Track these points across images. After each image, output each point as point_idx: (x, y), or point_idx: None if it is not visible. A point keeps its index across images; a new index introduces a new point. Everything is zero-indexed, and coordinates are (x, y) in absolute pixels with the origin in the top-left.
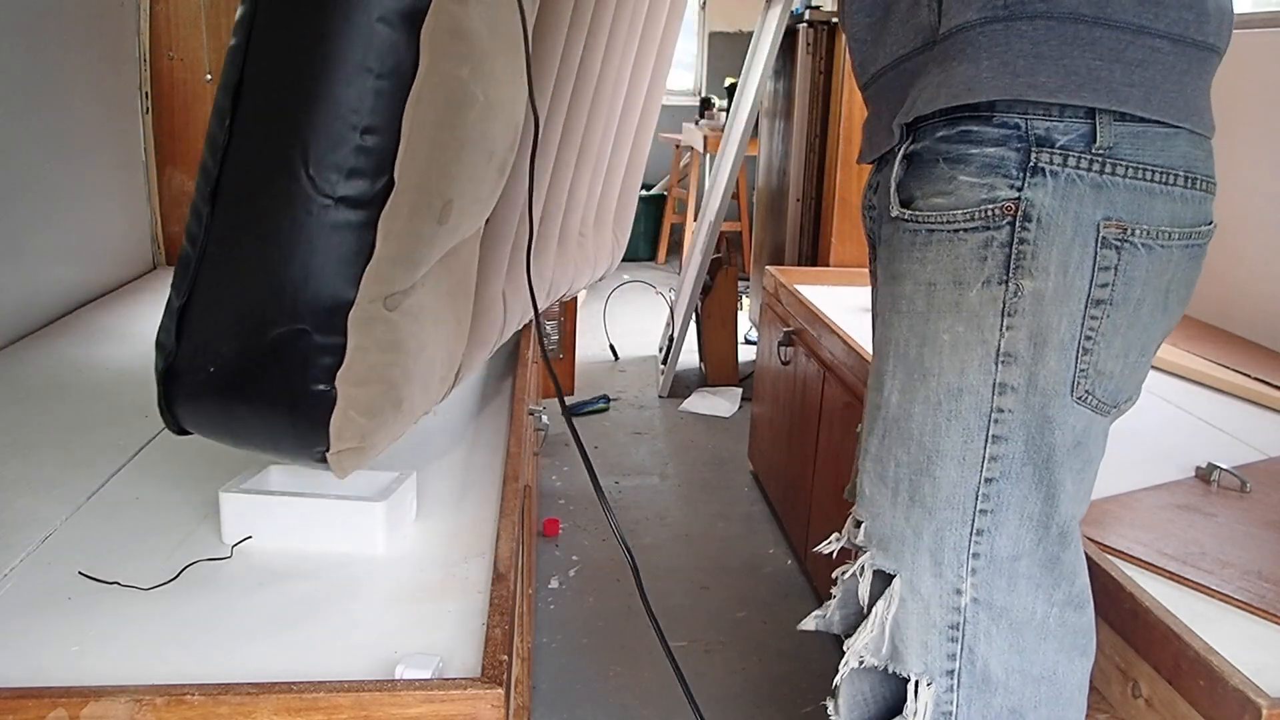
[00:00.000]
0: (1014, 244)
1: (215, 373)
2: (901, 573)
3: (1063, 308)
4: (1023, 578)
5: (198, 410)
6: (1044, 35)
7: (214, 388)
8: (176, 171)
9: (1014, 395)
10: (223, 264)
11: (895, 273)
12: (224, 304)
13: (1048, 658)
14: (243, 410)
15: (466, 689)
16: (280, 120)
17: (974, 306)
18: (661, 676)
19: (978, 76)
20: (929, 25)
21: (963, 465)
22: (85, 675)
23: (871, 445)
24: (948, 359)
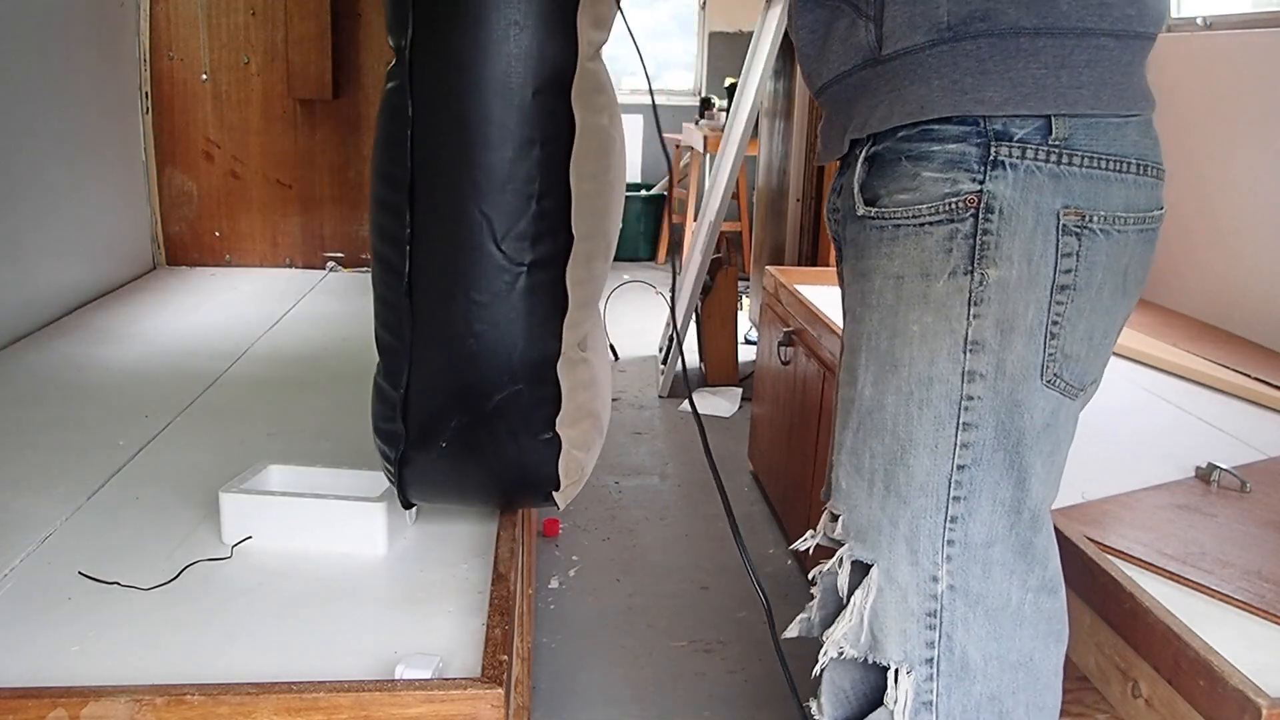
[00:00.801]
0: (978, 235)
1: (447, 448)
2: (879, 562)
3: (1028, 294)
4: (997, 564)
5: (432, 484)
6: (988, 52)
7: (447, 461)
8: (176, 171)
9: (983, 382)
10: (434, 348)
11: (864, 269)
12: (444, 385)
13: (1024, 644)
14: (477, 474)
15: (466, 689)
16: (461, 205)
17: (941, 297)
18: (661, 676)
19: (929, 95)
20: (868, 45)
21: (935, 453)
22: (85, 675)
23: (846, 438)
24: (918, 349)
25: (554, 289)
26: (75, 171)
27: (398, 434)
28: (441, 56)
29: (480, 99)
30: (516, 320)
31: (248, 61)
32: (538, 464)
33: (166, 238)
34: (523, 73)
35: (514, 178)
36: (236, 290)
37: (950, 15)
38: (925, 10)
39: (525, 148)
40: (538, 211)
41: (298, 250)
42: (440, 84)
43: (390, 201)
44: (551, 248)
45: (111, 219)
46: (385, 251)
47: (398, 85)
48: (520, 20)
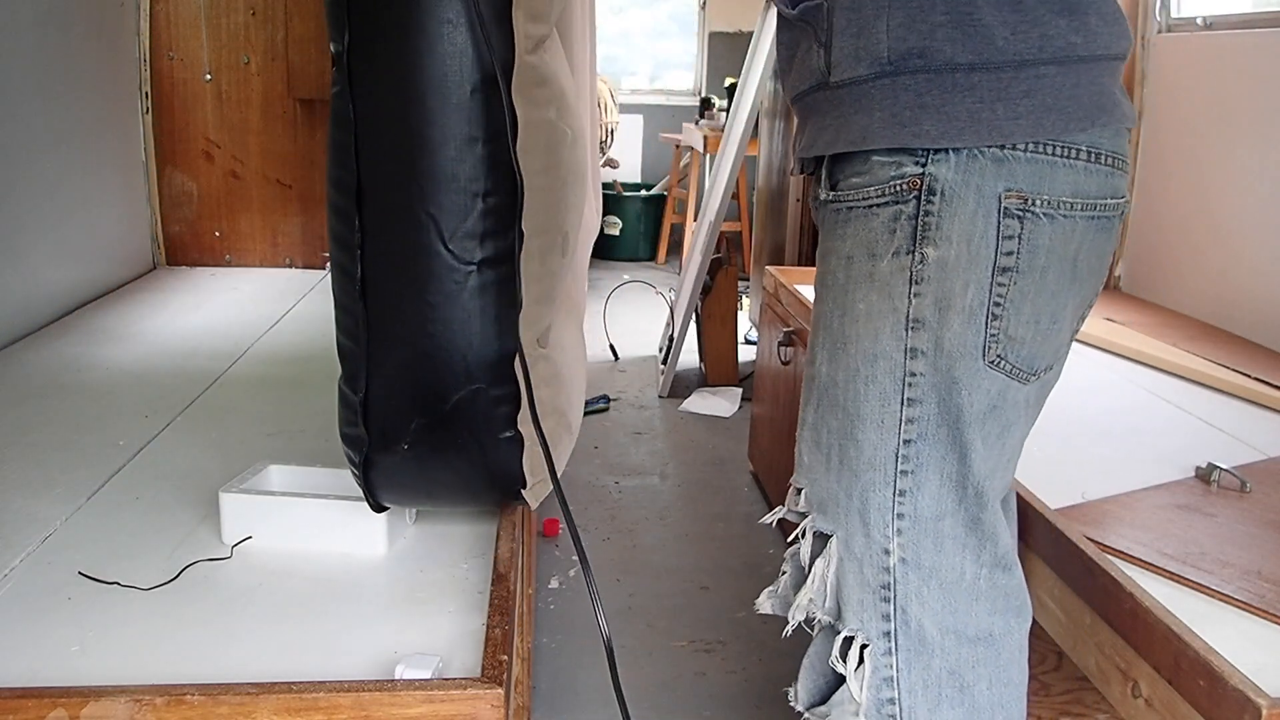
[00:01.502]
0: (919, 216)
1: (409, 449)
2: (837, 532)
3: (968, 274)
4: (948, 538)
5: (398, 486)
6: (926, 87)
7: (410, 463)
8: (176, 171)
9: (924, 359)
10: (390, 351)
11: (823, 251)
12: (402, 387)
13: (981, 619)
14: (441, 474)
15: (466, 689)
16: (407, 207)
17: (885, 276)
18: (661, 676)
19: (870, 126)
20: (819, 70)
21: (881, 428)
22: (85, 675)
23: (808, 415)
24: (864, 327)
25: (506, 286)
26: (75, 171)
27: (360, 438)
28: (378, 59)
29: (418, 100)
30: (470, 320)
31: (248, 61)
32: (501, 462)
33: (166, 238)
34: (459, 71)
35: (458, 177)
36: (236, 290)
37: (890, 51)
38: (868, 44)
39: (467, 146)
40: (484, 209)
41: (298, 250)
42: (379, 87)
43: (341, 207)
44: (501, 245)
45: (111, 219)
46: (339, 256)
47: (339, 91)
48: (453, 19)
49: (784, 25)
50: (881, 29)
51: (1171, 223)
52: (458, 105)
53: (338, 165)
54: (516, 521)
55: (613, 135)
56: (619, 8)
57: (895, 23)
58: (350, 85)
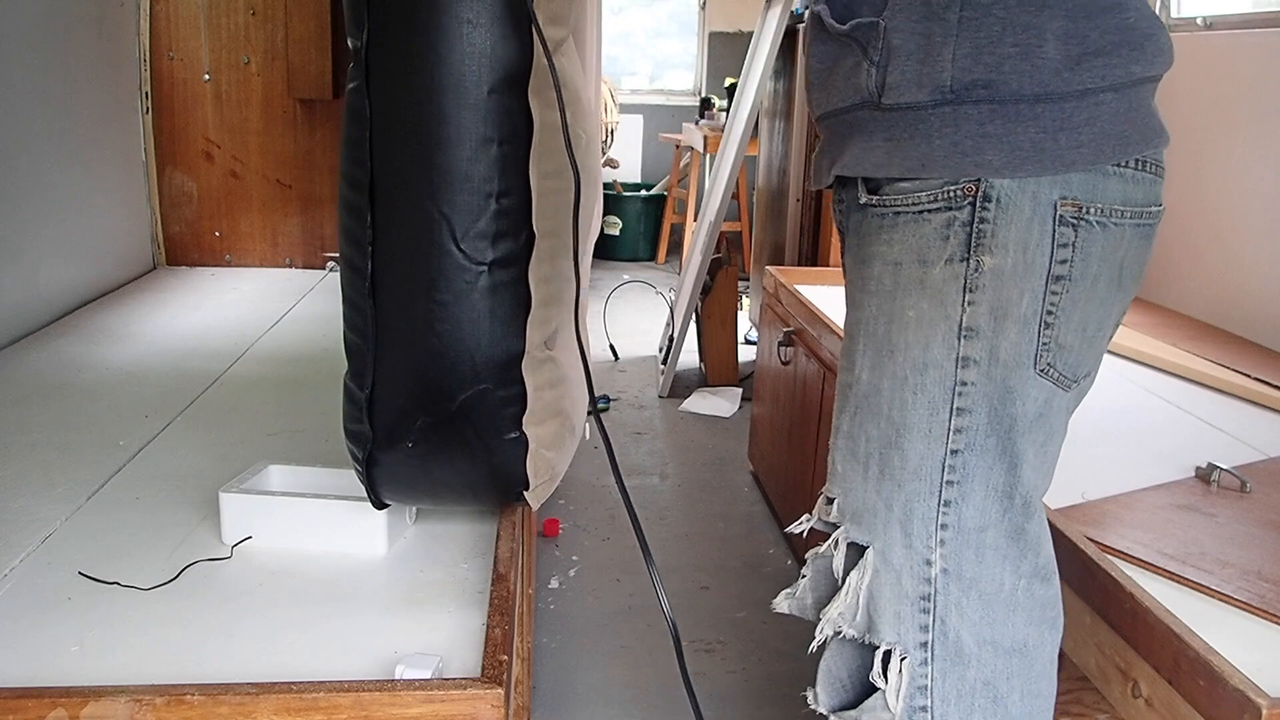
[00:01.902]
0: (974, 223)
1: (414, 447)
2: (874, 544)
3: (1023, 283)
4: (990, 549)
5: (400, 484)
6: (989, 116)
7: (415, 461)
8: (176, 171)
9: (976, 368)
10: (397, 349)
11: (864, 256)
12: (408, 384)
13: (1018, 630)
14: (444, 474)
15: (466, 689)
16: (420, 205)
17: (937, 283)
18: (661, 676)
19: (930, 154)
20: (868, 90)
21: (929, 438)
22: (85, 675)
23: (843, 423)
24: (913, 334)
25: (516, 288)
26: (75, 171)
27: (365, 434)
28: (396, 57)
29: (435, 98)
30: (479, 320)
31: (248, 61)
32: (506, 463)
33: (166, 238)
34: (477, 71)
35: (472, 177)
36: (236, 290)
37: (954, 80)
38: (931, 71)
39: (483, 146)
40: (497, 210)
41: (298, 250)
42: (396, 84)
43: (353, 203)
44: (513, 246)
45: (111, 219)
46: (350, 253)
47: (356, 86)
48: (473, 19)
49: (822, 37)
50: (947, 57)
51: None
52: (474, 105)
53: (352, 161)
54: (516, 521)
55: (613, 135)
56: (619, 8)
57: (962, 52)
58: (367, 81)
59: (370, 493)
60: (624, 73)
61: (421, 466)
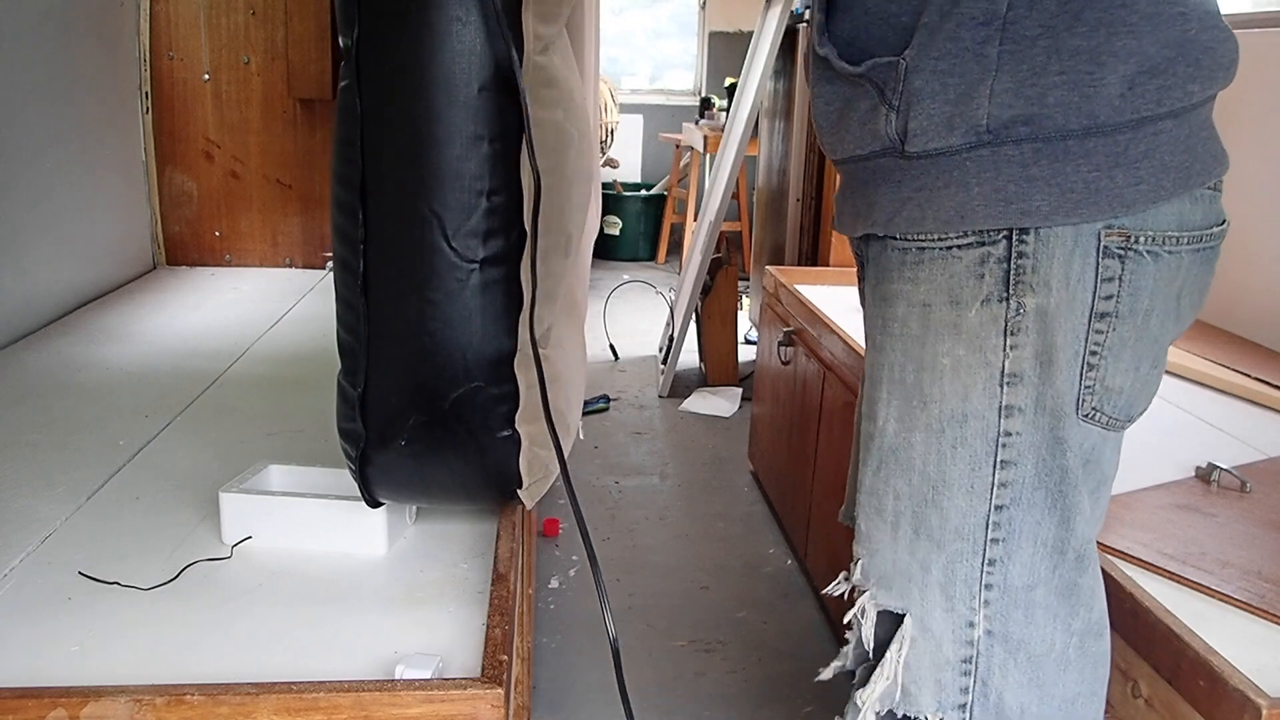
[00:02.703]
0: (1012, 259)
1: (406, 446)
2: (911, 610)
3: (1066, 323)
4: (1039, 607)
5: (394, 483)
6: (1033, 157)
7: (408, 459)
8: (176, 171)
9: (1021, 418)
10: (389, 347)
11: (885, 294)
12: (400, 383)
13: (1068, 690)
14: (438, 472)
15: (466, 689)
16: (411, 204)
17: (974, 327)
18: (661, 676)
19: (969, 203)
20: (888, 137)
21: (971, 494)
22: (85, 675)
23: (865, 478)
24: (949, 384)
25: (508, 285)
26: (75, 171)
27: (358, 433)
28: (387, 55)
29: (426, 97)
30: (471, 317)
31: (248, 61)
32: (499, 461)
33: (166, 238)
34: (467, 69)
35: (463, 175)
36: (236, 290)
37: (991, 119)
38: (964, 111)
39: (473, 144)
40: (488, 208)
41: (298, 250)
42: (387, 83)
43: (345, 202)
44: (504, 244)
45: (111, 219)
46: (343, 252)
47: (347, 85)
48: (463, 16)
49: (828, 77)
50: (983, 94)
51: None
52: (465, 103)
53: (343, 160)
54: (516, 521)
55: (613, 135)
56: (619, 8)
57: (1002, 87)
58: (358, 80)
59: (364, 492)
60: (624, 73)
61: (415, 465)
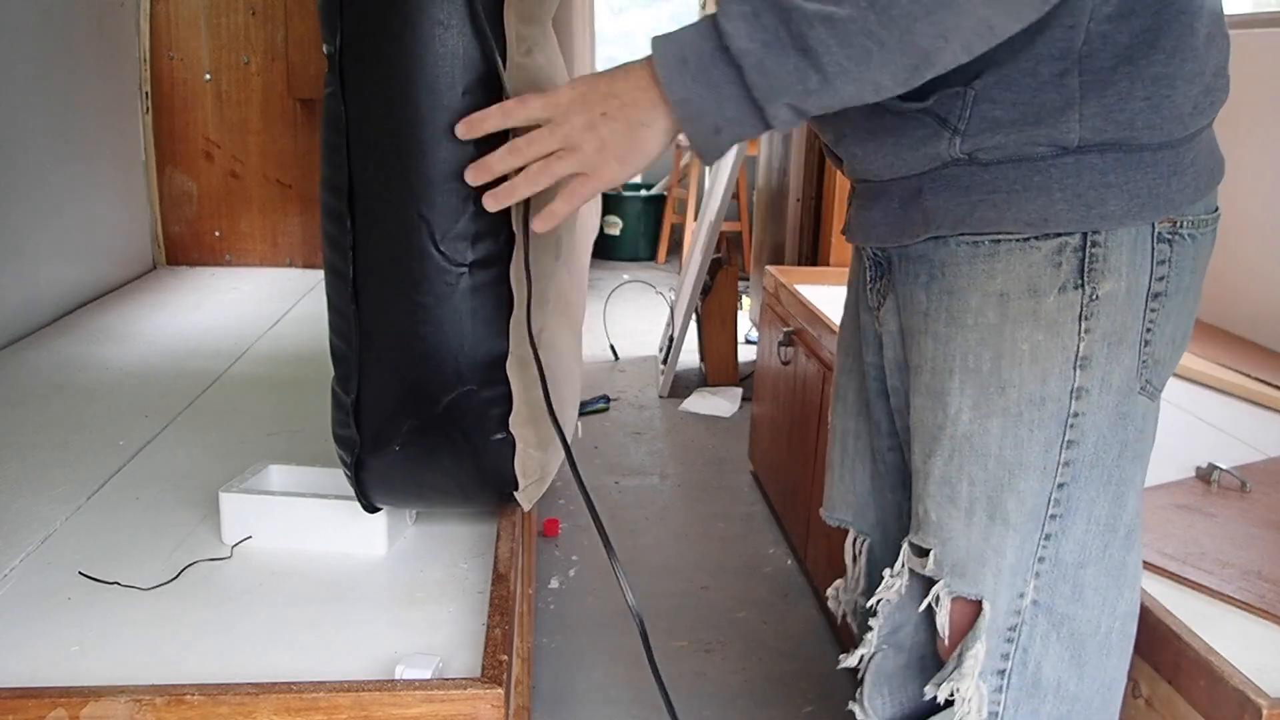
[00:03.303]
0: (1086, 249)
1: (401, 450)
2: (986, 595)
3: (1131, 306)
4: (1089, 587)
5: (390, 487)
6: (1111, 165)
7: (402, 464)
8: (176, 171)
9: (1087, 398)
10: (381, 352)
11: (951, 286)
12: (393, 388)
13: (1107, 674)
14: (432, 476)
15: (466, 689)
16: (398, 208)
17: (1052, 314)
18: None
19: (1051, 208)
20: (950, 156)
21: (1043, 475)
22: (85, 675)
23: (935, 467)
24: (1028, 369)
25: (498, 288)
26: (75, 171)
27: (352, 439)
28: (370, 61)
29: (410, 101)
30: (461, 321)
31: (248, 61)
32: (494, 464)
33: (166, 237)
34: (450, 73)
35: (450, 179)
36: (236, 290)
37: (1082, 140)
38: (1050, 134)
39: (459, 148)
40: (476, 211)
41: (298, 250)
42: (371, 88)
43: (333, 208)
44: (493, 247)
45: (111, 219)
46: (332, 258)
47: (332, 92)
48: (444, 20)
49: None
50: (1073, 119)
51: None
52: (449, 107)
53: (330, 166)
54: (516, 522)
55: None
56: (619, 8)
57: (1090, 112)
58: (342, 86)
59: (360, 496)
60: None
61: (410, 469)
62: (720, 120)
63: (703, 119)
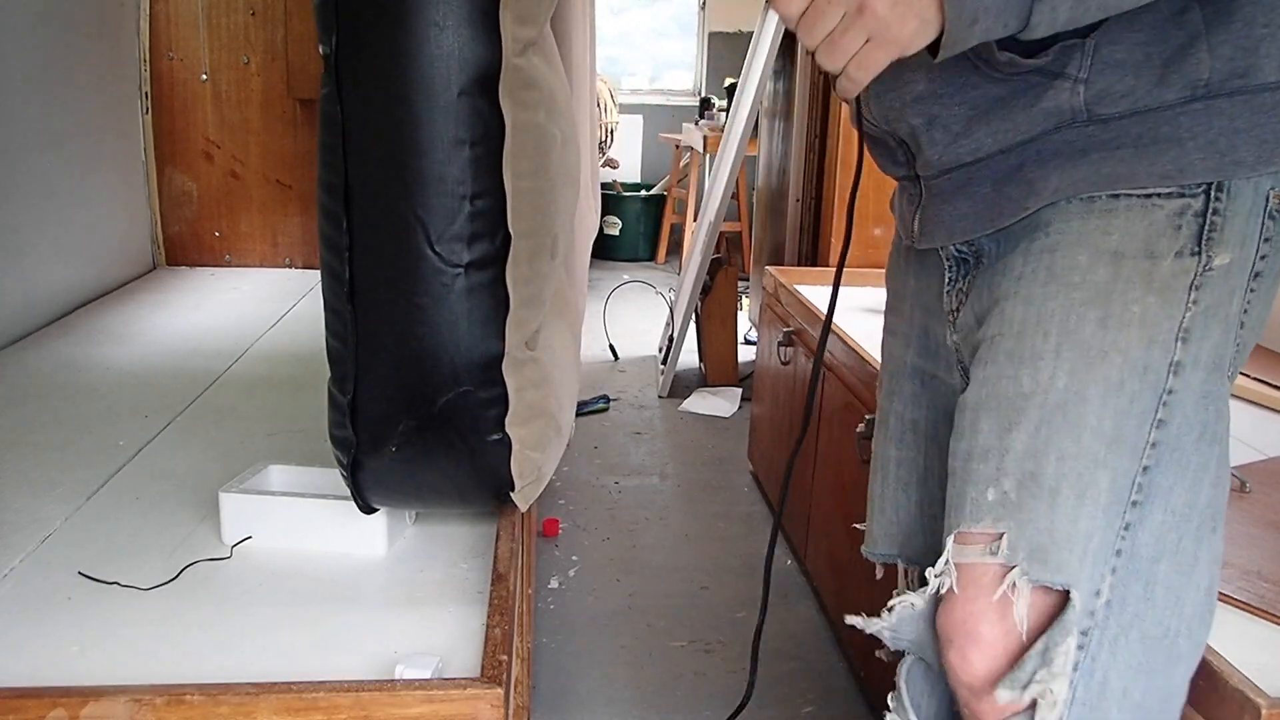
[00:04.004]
0: (1208, 213)
1: (398, 451)
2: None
3: (1235, 281)
4: (1160, 585)
5: (386, 488)
6: (1240, 109)
7: (399, 465)
8: (176, 171)
9: (1182, 375)
10: (378, 353)
11: (1056, 244)
12: (389, 389)
13: (1173, 682)
14: (429, 477)
15: (466, 689)
16: (394, 209)
17: (1166, 278)
18: (661, 676)
19: (1185, 158)
20: (1071, 108)
21: (1134, 454)
22: (85, 675)
23: (1017, 442)
24: (1136, 334)
25: (494, 289)
26: (75, 171)
27: (349, 440)
28: (366, 61)
29: (406, 102)
30: (457, 322)
31: (248, 61)
32: (490, 465)
33: (166, 238)
34: (446, 74)
35: (445, 179)
36: (236, 290)
37: (1213, 72)
38: (1182, 68)
39: (454, 149)
40: (472, 212)
41: (298, 250)
42: (367, 89)
43: (329, 209)
44: (489, 248)
45: (111, 219)
46: (329, 259)
47: (328, 93)
48: (440, 21)
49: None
50: (1202, 50)
51: None
52: (445, 108)
53: (326, 168)
54: (516, 521)
55: (612, 135)
56: (619, 8)
57: (1218, 40)
58: (338, 87)
59: (357, 497)
60: (624, 73)
61: (406, 470)
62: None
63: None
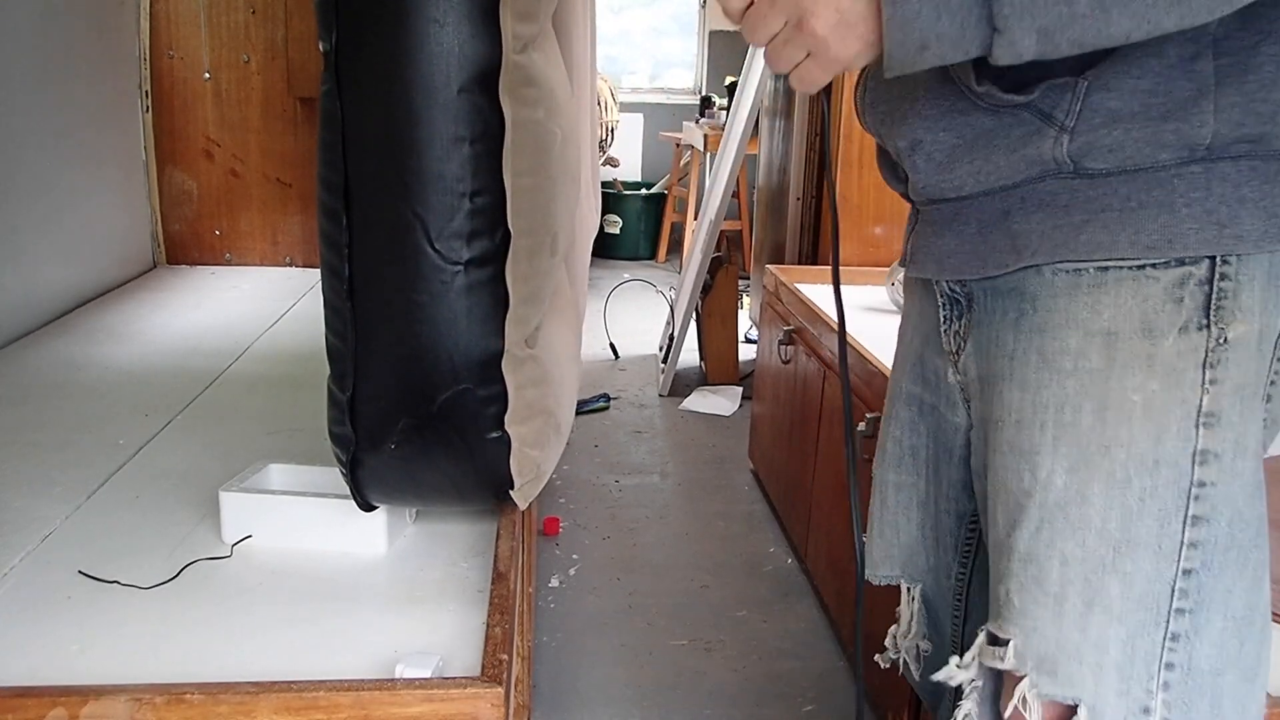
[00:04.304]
0: (1215, 281)
1: (397, 449)
2: (1083, 699)
3: (1261, 354)
4: (1228, 696)
5: (386, 485)
6: (1247, 176)
7: (398, 462)
8: (176, 170)
9: (1217, 464)
10: (377, 351)
11: (1044, 324)
12: (389, 386)
13: None
14: (429, 475)
15: (466, 688)
16: (394, 206)
17: (1170, 359)
18: (661, 675)
19: (1176, 226)
20: (1054, 160)
21: (1159, 555)
22: (85, 675)
23: (1019, 542)
24: (1140, 425)
25: (493, 287)
26: (75, 171)
27: (348, 437)
28: (366, 59)
29: (406, 99)
30: (457, 319)
31: (248, 60)
32: (490, 463)
33: (166, 236)
34: (446, 71)
35: (444, 177)
36: (236, 289)
37: (1216, 136)
38: (1178, 128)
39: (454, 146)
40: (471, 209)
41: (298, 249)
42: (367, 87)
43: (329, 206)
44: (488, 245)
45: (111, 218)
46: (328, 256)
47: (328, 90)
48: (440, 18)
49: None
50: (1206, 110)
51: None
52: (444, 105)
53: (326, 165)
54: (516, 520)
55: (613, 134)
56: (619, 7)
57: (1227, 102)
58: (338, 85)
59: (356, 495)
60: (624, 71)
61: (405, 468)
62: (930, 35)
63: (910, 26)
